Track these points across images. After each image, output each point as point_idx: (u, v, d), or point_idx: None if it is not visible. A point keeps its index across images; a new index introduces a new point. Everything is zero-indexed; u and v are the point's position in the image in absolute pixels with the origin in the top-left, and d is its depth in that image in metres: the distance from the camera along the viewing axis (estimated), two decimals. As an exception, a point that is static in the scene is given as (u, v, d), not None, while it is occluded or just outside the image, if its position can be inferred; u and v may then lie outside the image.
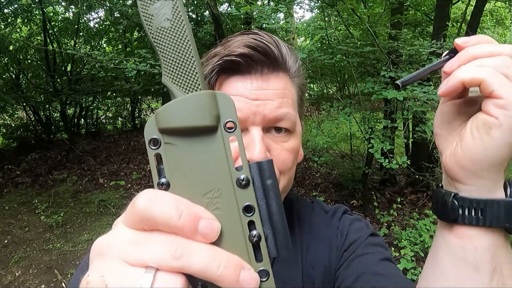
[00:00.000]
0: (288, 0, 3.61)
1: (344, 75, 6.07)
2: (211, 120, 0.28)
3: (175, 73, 0.29)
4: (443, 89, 0.40)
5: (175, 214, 0.26)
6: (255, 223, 0.28)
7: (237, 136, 0.29)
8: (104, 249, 0.27)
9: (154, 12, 0.29)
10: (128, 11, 5.29)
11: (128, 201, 4.02)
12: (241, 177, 0.28)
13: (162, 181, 0.28)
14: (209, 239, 0.26)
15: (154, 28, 0.29)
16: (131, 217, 0.27)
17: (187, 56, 0.29)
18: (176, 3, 0.30)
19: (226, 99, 0.29)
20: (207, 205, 0.28)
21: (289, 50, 0.64)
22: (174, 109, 0.28)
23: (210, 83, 0.61)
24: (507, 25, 11.73)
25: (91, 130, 8.53)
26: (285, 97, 0.61)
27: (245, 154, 0.29)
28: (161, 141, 0.28)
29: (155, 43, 0.30)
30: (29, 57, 7.34)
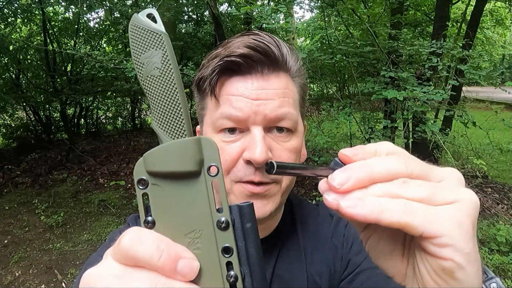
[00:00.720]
0: (288, 0, 3.61)
1: (344, 75, 6.07)
2: (194, 165, 0.30)
3: (162, 119, 0.31)
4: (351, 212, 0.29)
5: (156, 254, 0.27)
6: (233, 263, 0.29)
7: (219, 179, 0.30)
8: (93, 281, 0.29)
9: (145, 61, 0.31)
10: (128, 11, 5.28)
11: (128, 201, 4.01)
12: (221, 220, 0.30)
13: (148, 219, 0.30)
14: (188, 278, 0.28)
15: (145, 76, 0.31)
16: (117, 253, 0.29)
17: (174, 103, 0.31)
18: (165, 52, 0.31)
19: (210, 144, 0.30)
20: (188, 245, 0.29)
21: (290, 50, 0.64)
22: (160, 154, 0.30)
23: (211, 84, 0.61)
24: (507, 25, 11.73)
25: (91, 130, 8.53)
26: (286, 96, 0.61)
27: (226, 198, 0.30)
28: (149, 182, 0.30)
29: (145, 90, 0.31)
30: (29, 57, 7.34)
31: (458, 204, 0.30)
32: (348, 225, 0.75)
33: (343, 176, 0.30)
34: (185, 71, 3.35)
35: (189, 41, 6.44)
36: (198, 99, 0.69)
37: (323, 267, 0.69)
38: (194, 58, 5.62)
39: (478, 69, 3.53)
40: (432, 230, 0.28)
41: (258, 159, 0.55)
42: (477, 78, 3.44)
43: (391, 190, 0.30)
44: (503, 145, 5.47)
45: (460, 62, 3.37)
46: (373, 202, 0.29)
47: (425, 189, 0.30)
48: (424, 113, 3.22)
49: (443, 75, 3.45)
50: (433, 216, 0.29)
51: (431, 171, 0.32)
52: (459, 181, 0.33)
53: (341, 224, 0.75)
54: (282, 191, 0.63)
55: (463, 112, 3.40)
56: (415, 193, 0.30)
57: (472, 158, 3.91)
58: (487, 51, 11.80)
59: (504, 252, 3.27)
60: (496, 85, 3.71)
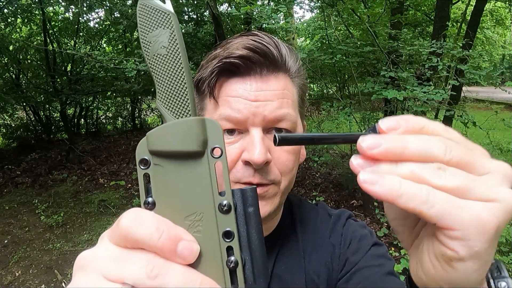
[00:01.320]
0: (288, 0, 3.60)
1: (344, 75, 6.07)
2: (198, 145, 0.29)
3: (167, 99, 0.31)
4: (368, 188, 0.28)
5: (155, 235, 0.27)
6: (233, 248, 0.29)
7: (223, 161, 0.30)
8: (87, 263, 0.29)
9: (152, 39, 0.31)
10: (128, 11, 5.28)
11: (128, 201, 4.01)
12: (223, 203, 0.29)
13: (149, 200, 0.29)
14: (187, 261, 0.27)
15: (151, 55, 0.31)
16: (115, 234, 0.28)
17: (180, 83, 0.31)
18: (173, 31, 0.31)
19: (215, 126, 0.30)
20: (188, 227, 0.29)
21: (289, 51, 0.64)
22: (164, 133, 0.29)
23: (210, 85, 0.61)
24: (507, 25, 11.73)
25: (91, 130, 8.53)
26: (285, 97, 0.61)
27: (229, 180, 0.30)
28: (151, 162, 0.30)
29: (151, 69, 0.31)
30: (29, 57, 7.34)
31: (490, 204, 0.27)
32: (346, 225, 0.75)
33: (374, 141, 0.28)
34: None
35: (189, 41, 6.43)
36: (197, 99, 0.69)
37: (321, 267, 0.69)
38: (194, 58, 5.61)
39: (478, 69, 3.53)
40: (447, 223, 0.27)
41: (257, 160, 0.55)
42: (477, 78, 3.44)
43: (419, 173, 0.28)
44: (503, 145, 5.48)
45: (460, 62, 3.37)
46: (394, 184, 0.27)
47: (458, 180, 0.28)
48: (424, 113, 3.22)
49: (443, 75, 3.45)
50: (455, 209, 0.27)
51: (476, 161, 0.29)
52: (506, 178, 0.29)
53: (339, 224, 0.75)
54: (281, 192, 0.63)
55: (463, 112, 3.39)
56: (445, 181, 0.27)
57: (472, 158, 3.90)
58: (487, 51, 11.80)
59: (504, 252, 3.27)
60: (496, 85, 3.71)
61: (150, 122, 9.89)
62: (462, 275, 0.30)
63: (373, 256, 0.69)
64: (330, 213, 0.79)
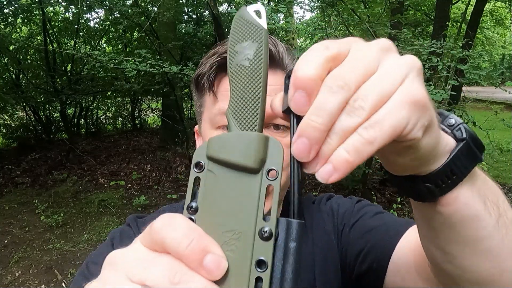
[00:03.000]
0: (288, 0, 3.60)
1: (344, 75, 6.06)
2: (255, 163, 0.28)
3: (238, 110, 0.31)
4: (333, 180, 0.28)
5: (184, 241, 0.26)
6: (263, 281, 0.27)
7: (275, 186, 0.28)
8: (115, 261, 0.29)
9: (239, 50, 0.31)
10: (128, 11, 5.28)
11: (128, 201, 4.01)
12: (265, 229, 0.27)
13: (192, 204, 0.29)
14: (212, 276, 0.26)
15: (234, 64, 0.31)
16: (146, 236, 0.28)
17: (255, 97, 0.31)
18: (261, 47, 0.31)
19: (277, 147, 0.29)
20: (223, 243, 0.27)
21: (286, 49, 0.66)
22: (225, 141, 0.29)
23: (209, 80, 0.63)
24: (507, 25, 11.73)
25: (91, 130, 8.52)
26: None
27: (277, 207, 0.28)
28: (205, 167, 0.29)
29: (230, 77, 0.31)
30: (29, 57, 7.34)
31: (405, 83, 0.28)
32: (327, 203, 0.81)
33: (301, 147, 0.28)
34: (185, 71, 3.35)
35: (189, 41, 6.43)
36: (196, 97, 0.71)
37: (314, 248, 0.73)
38: (194, 58, 5.61)
39: (478, 69, 3.52)
40: (394, 134, 0.28)
41: None
42: (477, 78, 3.44)
43: (346, 128, 0.27)
44: (503, 145, 5.48)
45: (460, 62, 3.37)
46: (340, 159, 0.27)
47: (372, 98, 0.27)
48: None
49: (443, 75, 3.45)
50: (392, 117, 0.27)
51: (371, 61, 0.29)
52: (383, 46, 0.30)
53: (321, 205, 0.81)
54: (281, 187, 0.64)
55: (463, 112, 3.39)
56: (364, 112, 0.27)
57: (472, 158, 3.90)
58: (487, 51, 11.79)
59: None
60: (496, 85, 3.70)
61: (150, 122, 9.89)
62: (425, 146, 0.32)
63: (358, 210, 0.75)
64: (312, 200, 0.83)
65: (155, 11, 5.45)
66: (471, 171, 0.37)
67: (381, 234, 0.66)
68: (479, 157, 0.37)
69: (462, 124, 0.38)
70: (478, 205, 0.38)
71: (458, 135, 0.37)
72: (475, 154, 0.37)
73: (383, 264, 0.62)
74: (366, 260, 0.66)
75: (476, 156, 0.37)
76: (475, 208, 0.38)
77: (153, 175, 5.75)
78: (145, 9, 5.47)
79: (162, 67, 3.38)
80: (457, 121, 0.38)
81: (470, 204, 0.38)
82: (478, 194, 0.38)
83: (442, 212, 0.38)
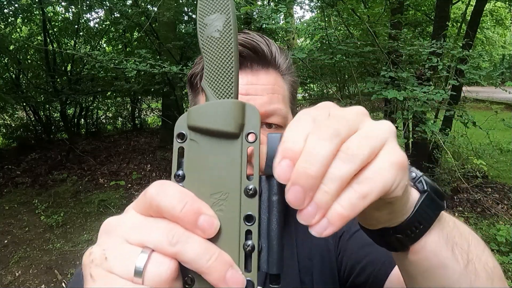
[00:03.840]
0: (288, 0, 3.60)
1: (344, 75, 6.07)
2: (235, 127, 0.30)
3: (213, 79, 0.32)
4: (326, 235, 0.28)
5: (178, 205, 0.28)
6: (252, 233, 0.29)
7: (255, 147, 0.31)
8: (111, 228, 0.30)
9: (209, 22, 0.32)
10: (128, 11, 5.28)
11: (128, 201, 4.01)
12: (250, 187, 0.30)
13: (179, 173, 0.31)
14: (207, 234, 0.28)
15: (205, 36, 0.32)
16: (141, 203, 0.30)
17: (228, 66, 0.32)
18: (229, 17, 0.32)
19: (253, 112, 0.31)
20: (212, 204, 0.30)
21: (279, 49, 0.67)
22: (205, 110, 0.31)
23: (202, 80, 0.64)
24: (507, 25, 11.73)
25: (91, 130, 8.52)
26: (275, 92, 0.64)
27: (259, 166, 0.31)
28: (187, 136, 0.31)
29: (202, 49, 0.33)
30: (29, 57, 7.34)
31: (388, 147, 0.29)
32: None
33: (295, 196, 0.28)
34: (185, 71, 3.35)
35: (189, 41, 6.43)
36: (191, 96, 0.72)
37: (313, 250, 0.72)
38: (194, 58, 5.59)
39: (478, 69, 3.52)
40: (384, 191, 0.28)
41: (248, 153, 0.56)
42: (477, 78, 3.44)
43: (340, 175, 0.27)
44: (503, 145, 5.48)
45: (460, 62, 3.37)
46: (336, 215, 0.27)
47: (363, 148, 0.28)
48: (424, 113, 3.22)
49: (443, 75, 3.45)
50: (379, 178, 0.28)
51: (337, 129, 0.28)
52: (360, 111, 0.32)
53: None
54: None
55: (463, 112, 3.39)
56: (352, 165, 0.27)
57: (472, 158, 3.91)
58: (487, 51, 11.79)
59: (504, 252, 3.27)
60: (496, 85, 3.70)
61: (150, 122, 9.89)
62: (401, 201, 0.35)
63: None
64: None
65: (155, 11, 5.45)
66: (437, 219, 0.39)
67: (382, 250, 0.65)
68: (442, 205, 0.39)
69: (423, 177, 0.40)
70: (445, 252, 0.40)
71: (420, 187, 0.39)
72: (437, 203, 0.39)
73: (380, 282, 0.63)
74: (363, 273, 0.66)
75: (439, 205, 0.39)
76: (442, 255, 0.40)
77: (153, 175, 5.75)
78: (145, 9, 5.47)
79: (162, 67, 3.38)
80: (417, 174, 0.41)
81: (437, 251, 0.40)
82: (446, 241, 0.40)
83: (412, 260, 0.41)
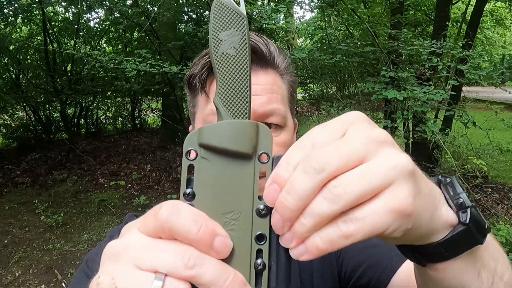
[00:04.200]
0: (288, 0, 3.61)
1: (344, 75, 6.07)
2: (249, 148, 0.30)
3: (228, 98, 0.32)
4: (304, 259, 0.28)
5: (194, 227, 0.27)
6: (263, 252, 0.30)
7: (267, 168, 0.31)
8: (117, 252, 0.28)
9: (224, 38, 0.32)
10: (128, 11, 5.28)
11: (128, 201, 3.99)
12: (261, 207, 0.30)
13: (188, 191, 0.30)
14: (221, 256, 0.28)
15: (220, 53, 0.32)
16: (150, 225, 0.28)
17: (243, 85, 0.32)
18: (244, 35, 0.32)
19: (266, 132, 0.31)
20: (224, 224, 0.29)
21: (277, 49, 0.67)
22: (219, 129, 0.30)
23: (201, 80, 0.64)
24: (507, 25, 11.73)
25: (91, 130, 8.52)
26: (274, 92, 0.64)
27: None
28: (198, 154, 0.30)
29: (216, 66, 0.32)
30: (29, 57, 7.34)
31: (392, 189, 0.27)
32: None
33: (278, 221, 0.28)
34: (185, 71, 3.35)
35: (189, 41, 6.43)
36: (190, 97, 0.71)
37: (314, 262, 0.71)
38: (194, 58, 5.60)
39: (478, 69, 3.52)
40: (371, 234, 0.27)
41: None
42: (477, 78, 3.44)
43: (318, 213, 0.26)
44: (503, 145, 5.47)
45: (460, 62, 3.37)
46: (313, 246, 0.27)
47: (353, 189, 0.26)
48: (424, 113, 3.21)
49: (443, 75, 3.45)
50: (368, 222, 0.26)
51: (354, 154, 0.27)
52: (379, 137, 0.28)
53: None
54: None
55: (463, 112, 3.39)
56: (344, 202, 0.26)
57: (472, 158, 3.91)
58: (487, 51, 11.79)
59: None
60: (496, 85, 3.70)
61: (150, 122, 9.89)
62: (410, 238, 0.31)
63: None
64: None
65: (155, 11, 5.45)
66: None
67: (384, 254, 0.64)
68: (480, 241, 0.35)
69: (471, 208, 0.34)
70: (470, 276, 0.36)
71: (461, 217, 0.34)
72: (475, 239, 0.34)
73: (382, 285, 0.62)
74: (364, 275, 0.65)
75: (476, 241, 0.35)
76: (466, 279, 0.36)
77: (153, 175, 5.75)
78: (145, 9, 5.47)
79: (162, 67, 3.38)
80: (466, 202, 0.34)
81: (461, 275, 0.36)
82: (473, 265, 0.36)
83: (430, 274, 0.37)
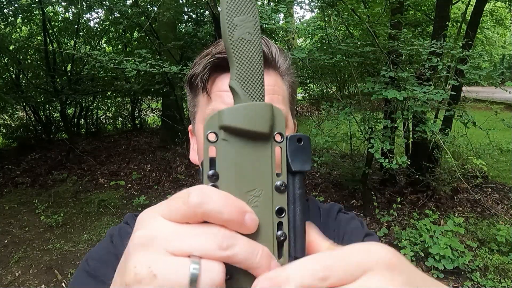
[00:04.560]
0: (288, 0, 3.61)
1: (344, 75, 6.07)
2: (268, 129, 0.32)
3: (245, 80, 0.33)
4: None
5: (225, 208, 0.28)
6: (283, 224, 0.32)
7: (282, 147, 0.33)
8: (147, 240, 0.28)
9: (240, 23, 0.33)
10: (128, 11, 5.28)
11: (128, 201, 3.99)
12: (279, 183, 0.32)
13: (211, 173, 0.31)
14: (252, 231, 0.29)
15: (235, 38, 0.33)
16: (179, 211, 0.28)
17: (258, 68, 0.34)
18: (257, 21, 0.34)
19: (280, 113, 0.33)
20: (248, 201, 0.31)
21: (278, 49, 0.67)
22: (239, 111, 0.32)
23: (202, 80, 0.63)
24: (507, 25, 11.73)
25: (91, 130, 8.53)
26: (275, 93, 0.64)
27: (285, 164, 0.33)
28: (219, 136, 0.32)
29: (232, 50, 0.33)
30: (29, 57, 7.34)
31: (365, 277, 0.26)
32: (337, 218, 0.77)
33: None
34: (185, 71, 3.35)
35: (189, 41, 6.43)
36: (190, 97, 0.71)
37: None
38: (194, 58, 5.60)
39: (478, 69, 3.52)
40: None
41: None
42: (477, 78, 3.44)
43: None
44: (503, 145, 5.47)
45: (460, 62, 3.37)
46: None
47: None
48: (424, 113, 3.22)
49: (443, 75, 3.44)
50: None
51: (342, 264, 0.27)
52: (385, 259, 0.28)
53: (331, 217, 0.77)
54: None
55: (463, 112, 3.39)
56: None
57: (472, 158, 3.91)
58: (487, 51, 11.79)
59: (504, 252, 3.27)
60: (496, 85, 3.70)
61: (150, 122, 9.89)
62: None
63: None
64: (320, 207, 0.80)
65: (155, 11, 5.45)
66: None
67: None
68: None
69: None
70: None
71: None
72: None
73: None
74: None
75: None
76: None
77: (153, 175, 5.75)
78: (145, 9, 5.47)
79: (162, 67, 3.38)
80: None
81: None
82: None
83: None
